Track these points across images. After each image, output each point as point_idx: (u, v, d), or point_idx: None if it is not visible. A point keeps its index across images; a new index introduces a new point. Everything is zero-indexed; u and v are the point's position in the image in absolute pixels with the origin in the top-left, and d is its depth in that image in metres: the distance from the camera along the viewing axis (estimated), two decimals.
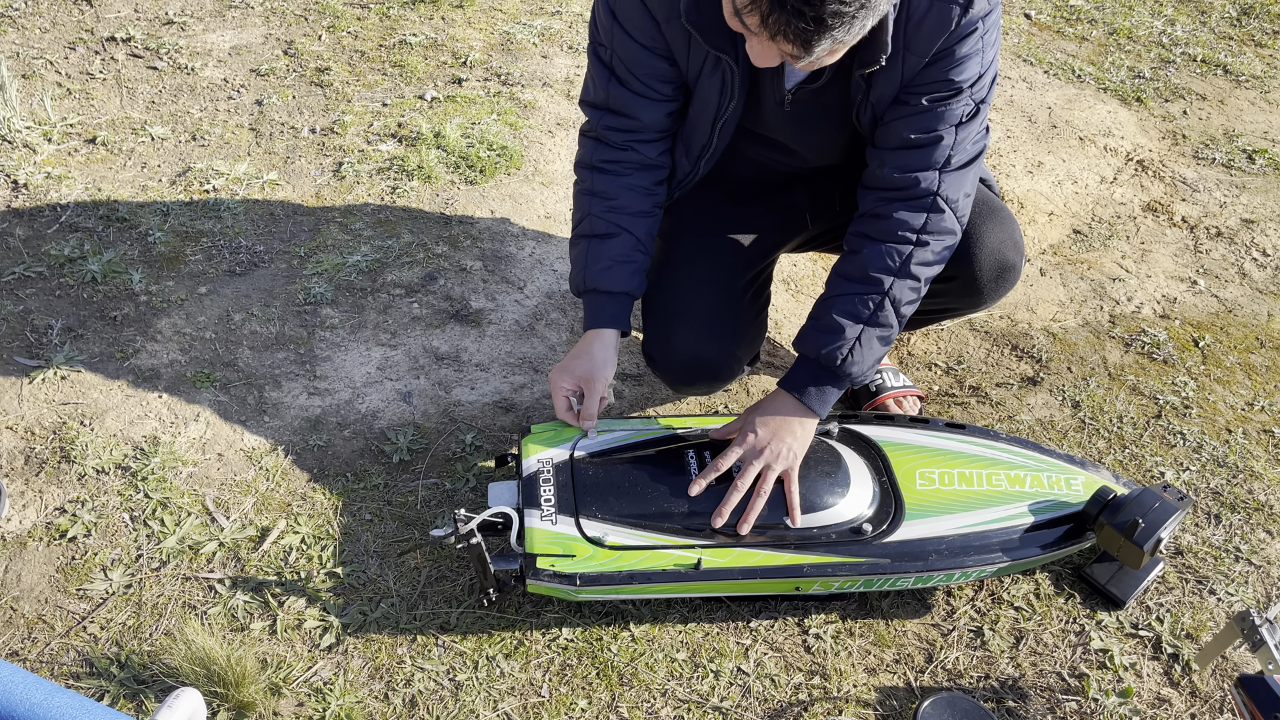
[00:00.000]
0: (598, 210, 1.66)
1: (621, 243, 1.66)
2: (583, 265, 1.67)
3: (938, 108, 1.50)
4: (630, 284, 1.68)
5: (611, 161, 1.66)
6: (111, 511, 1.73)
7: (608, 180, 1.66)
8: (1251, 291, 2.44)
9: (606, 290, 1.66)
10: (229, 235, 2.31)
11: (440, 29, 3.15)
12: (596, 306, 1.68)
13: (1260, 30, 3.60)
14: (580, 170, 1.70)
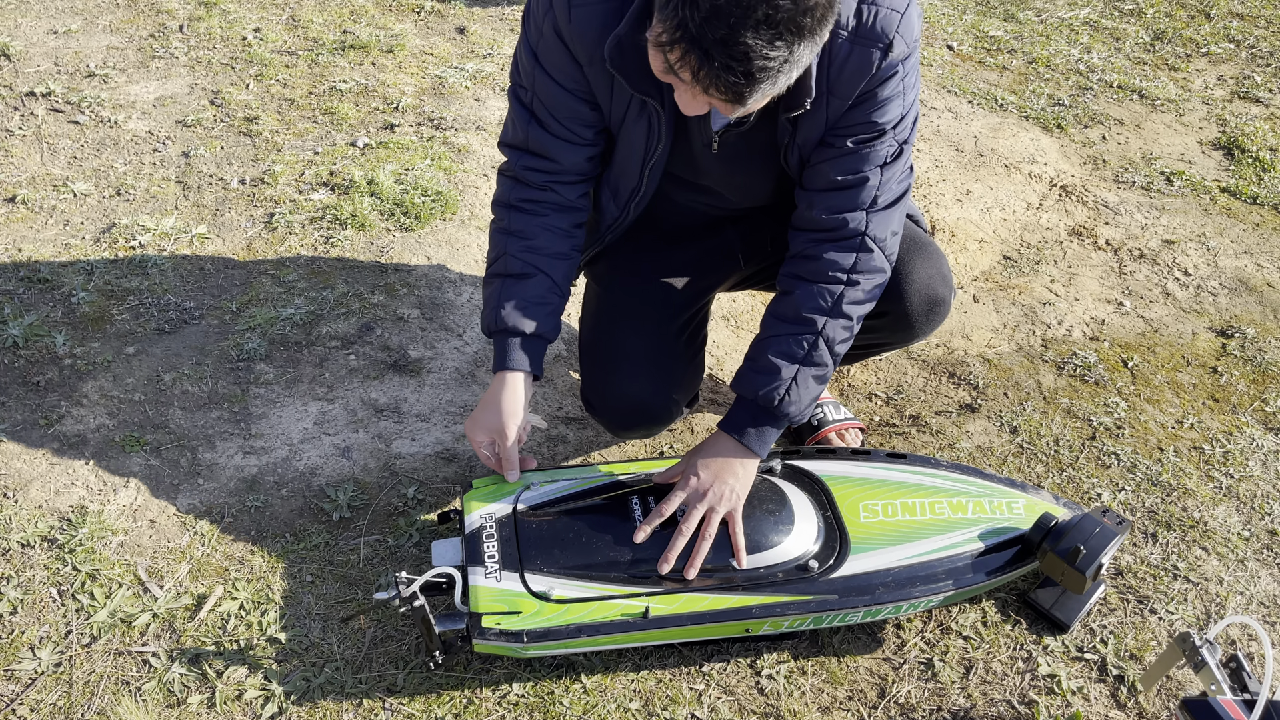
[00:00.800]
0: (514, 250, 1.64)
1: (537, 284, 1.64)
2: (495, 304, 1.64)
3: (862, 149, 1.53)
4: (545, 326, 1.66)
5: (530, 201, 1.64)
6: (38, 587, 1.66)
7: (525, 220, 1.64)
8: (1175, 311, 2.51)
9: (519, 331, 1.63)
10: (157, 293, 2.26)
11: (371, 75, 3.13)
12: (507, 347, 1.64)
13: (1173, 54, 3.73)
14: (497, 208, 1.68)
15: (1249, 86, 3.52)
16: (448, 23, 3.48)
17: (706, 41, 1.17)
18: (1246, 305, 2.52)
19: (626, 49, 1.40)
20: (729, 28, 1.16)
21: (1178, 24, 3.96)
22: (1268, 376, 2.31)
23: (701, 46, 1.18)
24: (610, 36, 1.40)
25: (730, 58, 1.18)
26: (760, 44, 1.16)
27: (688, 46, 1.19)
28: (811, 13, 1.17)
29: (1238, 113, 3.37)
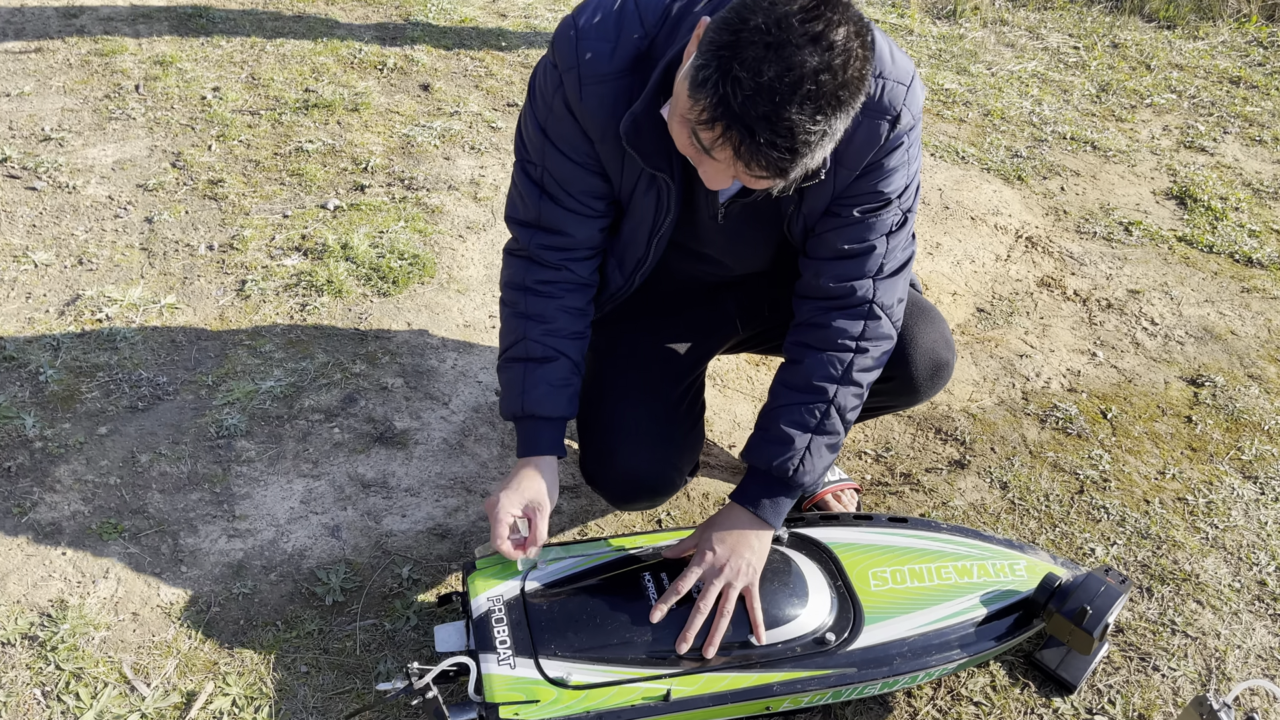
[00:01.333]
0: (534, 334, 1.62)
1: (559, 367, 1.63)
2: (520, 391, 1.62)
3: (869, 219, 1.53)
4: (569, 409, 1.65)
5: (545, 283, 1.63)
6: (21, 688, 1.57)
7: (543, 303, 1.63)
8: (1146, 360, 2.56)
9: (544, 416, 1.62)
10: (128, 368, 2.17)
11: (337, 134, 3.09)
12: (534, 432, 1.63)
13: (1119, 105, 3.85)
14: (511, 292, 1.66)
15: (1194, 136, 3.65)
16: (411, 80, 3.45)
17: (750, 119, 1.16)
18: (1214, 354, 2.59)
19: (642, 127, 1.39)
20: (773, 104, 1.15)
21: (1121, 75, 4.10)
22: (1241, 425, 2.36)
23: (745, 124, 1.17)
24: (626, 115, 1.39)
25: (775, 134, 1.17)
26: (804, 119, 1.16)
27: (729, 123, 1.18)
28: (848, 86, 1.17)
29: (1185, 162, 3.48)
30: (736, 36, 1.16)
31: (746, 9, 1.17)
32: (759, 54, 1.14)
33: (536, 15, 4.05)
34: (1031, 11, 4.66)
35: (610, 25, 1.40)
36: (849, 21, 1.16)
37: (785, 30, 1.14)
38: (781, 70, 1.14)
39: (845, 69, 1.15)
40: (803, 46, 1.14)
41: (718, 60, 1.16)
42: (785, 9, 1.14)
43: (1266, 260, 2.96)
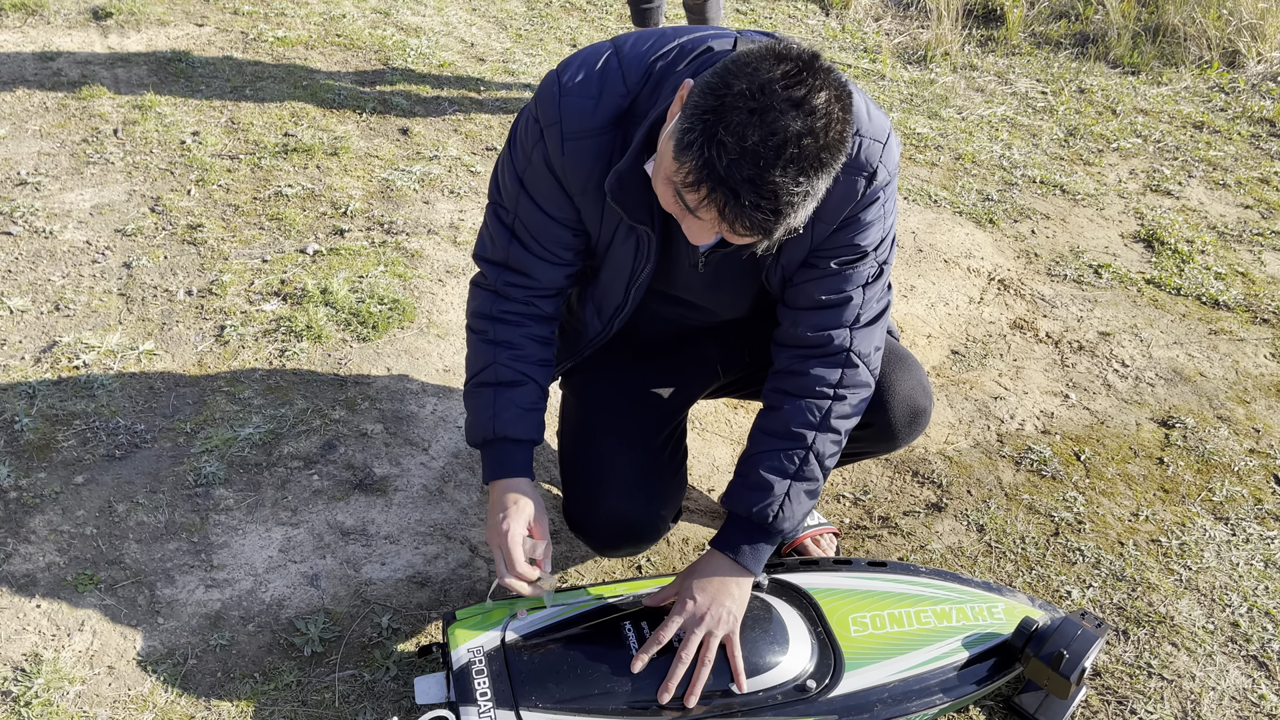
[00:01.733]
0: (504, 359, 1.63)
1: (528, 391, 1.65)
2: (490, 414, 1.62)
3: (845, 270, 1.56)
4: (538, 433, 1.67)
5: (512, 313, 1.65)
6: None
7: (511, 330, 1.64)
8: (1118, 402, 2.60)
9: (515, 439, 1.63)
10: (105, 415, 2.16)
11: (316, 178, 3.10)
12: (506, 455, 1.63)
13: (1086, 150, 3.94)
14: (479, 320, 1.67)
15: (1159, 180, 3.73)
16: (390, 124, 3.48)
17: (735, 181, 1.19)
18: (1184, 395, 2.63)
19: (626, 183, 1.42)
20: (758, 168, 1.18)
21: (1088, 120, 4.19)
22: (1211, 466, 2.40)
23: (730, 186, 1.20)
24: (611, 172, 1.41)
25: (759, 196, 1.19)
26: (787, 181, 1.19)
27: (714, 186, 1.21)
28: (830, 148, 1.20)
29: (1152, 205, 3.55)
30: (721, 101, 1.19)
31: (730, 74, 1.20)
32: (743, 119, 1.17)
33: (514, 61, 4.10)
34: (1000, 57, 4.77)
35: (593, 83, 1.43)
36: (829, 85, 1.19)
37: (768, 95, 1.17)
38: (765, 135, 1.17)
39: (827, 132, 1.19)
40: (785, 111, 1.17)
41: (703, 124, 1.19)
42: (768, 75, 1.18)
43: (1232, 302, 3.03)
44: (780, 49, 1.21)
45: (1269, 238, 3.40)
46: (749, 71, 1.19)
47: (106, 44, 3.77)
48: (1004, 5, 5.03)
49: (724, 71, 1.21)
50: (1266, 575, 2.11)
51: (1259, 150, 4.04)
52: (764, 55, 1.20)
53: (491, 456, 1.64)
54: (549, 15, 4.69)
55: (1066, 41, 4.90)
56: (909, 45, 4.82)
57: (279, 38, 3.94)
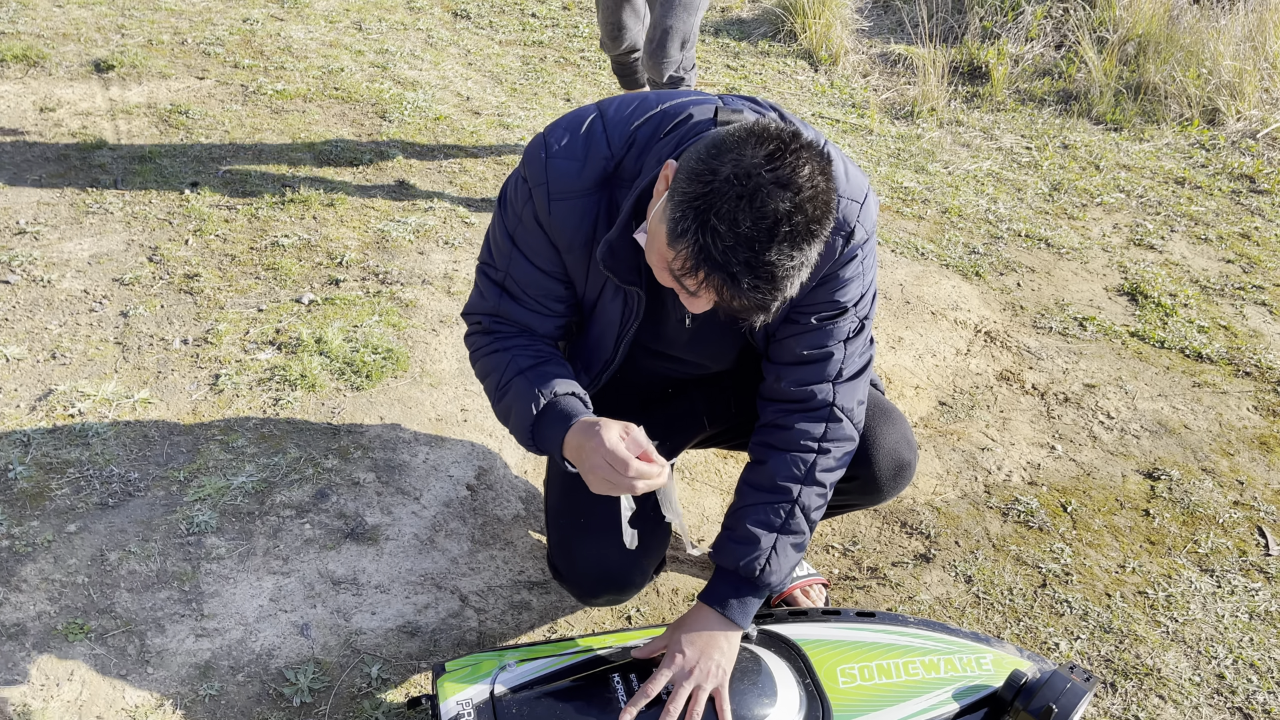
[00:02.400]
0: (519, 353, 1.60)
1: (556, 364, 1.61)
2: (530, 390, 1.56)
3: (827, 326, 1.60)
4: (585, 390, 1.62)
5: (511, 334, 1.64)
6: None
7: (516, 338, 1.63)
8: (1104, 454, 2.63)
9: (566, 394, 1.56)
10: (99, 464, 2.18)
11: (313, 229, 3.15)
12: (567, 408, 1.54)
13: (1071, 204, 4.01)
14: (480, 345, 1.65)
15: (1143, 234, 3.80)
16: (387, 175, 3.53)
17: (732, 266, 1.23)
18: (1168, 447, 2.66)
19: (616, 250, 1.46)
20: (753, 251, 1.22)
21: (1071, 175, 4.27)
22: (1197, 518, 2.42)
23: (728, 271, 1.24)
24: (602, 243, 1.46)
25: (757, 277, 1.24)
26: (782, 259, 1.23)
27: (711, 270, 1.25)
28: (818, 219, 1.24)
29: (1135, 259, 3.62)
30: (709, 188, 1.23)
31: (714, 159, 1.24)
32: (732, 205, 1.21)
33: (509, 114, 4.18)
34: (985, 113, 4.86)
35: (579, 146, 1.48)
36: (811, 159, 1.24)
37: (755, 179, 1.21)
38: (757, 218, 1.21)
39: (814, 205, 1.23)
40: (773, 193, 1.21)
41: (694, 213, 1.24)
42: (752, 159, 1.22)
43: (1215, 355, 3.07)
44: (760, 130, 1.25)
45: (1250, 291, 3.46)
46: (733, 157, 1.23)
47: (108, 96, 3.84)
48: (989, 63, 5.14)
49: (707, 157, 1.25)
50: (1251, 627, 2.12)
51: (1240, 206, 4.12)
52: (745, 138, 1.25)
53: (551, 419, 1.53)
54: (543, 70, 4.78)
55: (1050, 98, 5.00)
56: (896, 101, 4.92)
57: (278, 91, 4.01)
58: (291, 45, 4.50)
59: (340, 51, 4.53)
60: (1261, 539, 2.38)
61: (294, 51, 4.44)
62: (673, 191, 1.29)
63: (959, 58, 5.27)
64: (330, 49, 4.55)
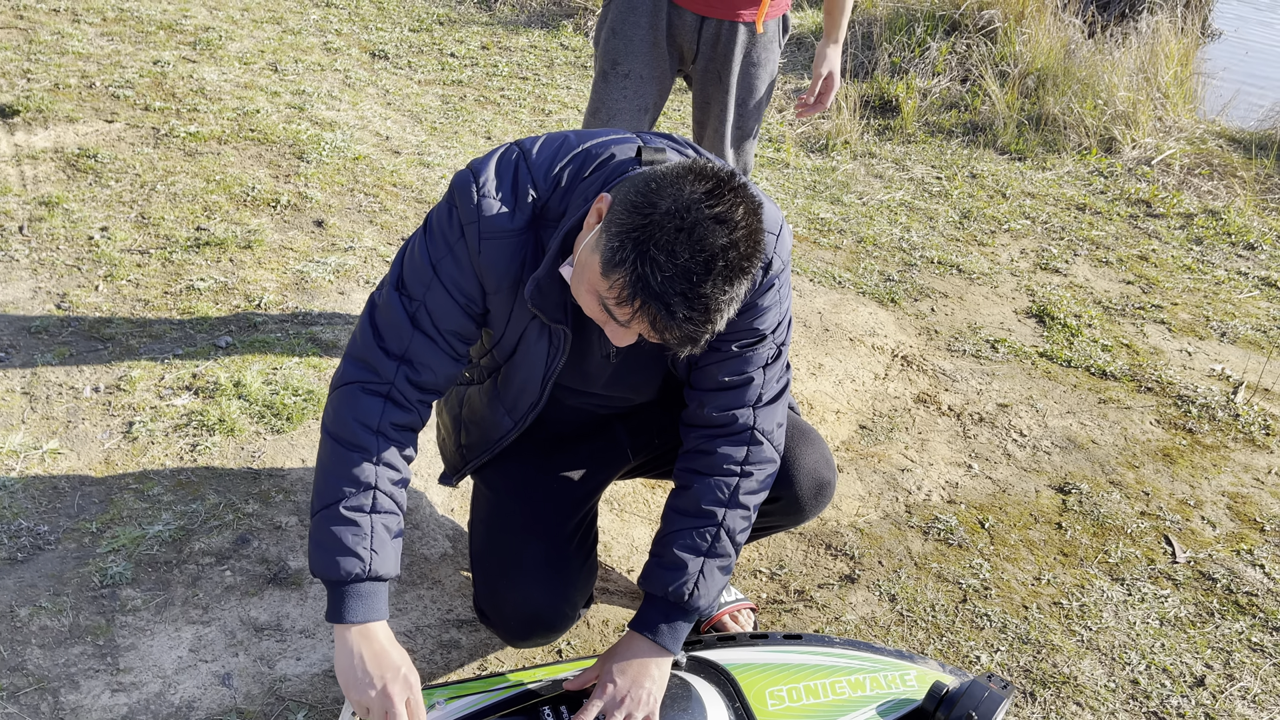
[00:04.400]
0: (385, 486, 1.53)
1: (399, 522, 1.57)
2: (367, 546, 1.50)
3: (746, 353, 1.64)
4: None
5: (400, 427, 1.57)
6: None
7: (394, 451, 1.55)
8: (1018, 471, 2.72)
9: (387, 577, 1.53)
10: (6, 517, 2.10)
11: (229, 271, 3.10)
12: (374, 596, 1.51)
13: (980, 231, 4.15)
14: (362, 433, 1.53)
15: (1048, 258, 3.95)
16: (305, 216, 3.50)
17: (668, 296, 1.26)
18: (1078, 462, 2.76)
19: (544, 288, 1.48)
20: (690, 283, 1.26)
21: (980, 204, 4.42)
22: (1106, 529, 2.51)
23: (663, 301, 1.27)
24: (530, 280, 1.47)
25: (692, 309, 1.27)
26: (717, 292, 1.27)
27: (646, 300, 1.28)
28: (750, 257, 1.30)
29: (1042, 283, 3.76)
30: (648, 219, 1.27)
31: (653, 193, 1.28)
32: (671, 237, 1.25)
33: (430, 153, 4.18)
34: (897, 145, 5.02)
35: (508, 188, 1.49)
36: (745, 199, 1.29)
37: (694, 214, 1.26)
38: (695, 251, 1.25)
39: (747, 242, 1.28)
40: (711, 229, 1.26)
41: (633, 243, 1.27)
42: (691, 195, 1.27)
43: (1119, 373, 3.20)
44: (698, 168, 1.30)
45: (1150, 311, 3.62)
46: (671, 192, 1.28)
47: (13, 141, 3.74)
48: (899, 97, 5.32)
49: (645, 190, 1.29)
50: (1162, 633, 2.20)
51: (1138, 229, 4.31)
52: (683, 174, 1.29)
53: (359, 595, 1.50)
54: (463, 109, 4.80)
55: (958, 130, 5.19)
56: (811, 135, 5.05)
57: (191, 133, 3.96)
58: (205, 87, 4.45)
59: (255, 93, 4.49)
60: (1168, 547, 2.48)
61: (207, 93, 4.39)
62: (608, 223, 1.32)
63: (870, 92, 5.45)
64: (245, 90, 4.50)
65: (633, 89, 2.48)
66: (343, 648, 1.49)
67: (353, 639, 1.49)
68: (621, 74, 2.48)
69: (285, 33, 5.44)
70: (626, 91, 2.48)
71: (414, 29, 5.89)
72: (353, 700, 1.48)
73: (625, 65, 2.47)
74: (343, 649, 1.49)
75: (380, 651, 1.50)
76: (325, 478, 1.53)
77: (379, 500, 1.53)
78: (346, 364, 1.58)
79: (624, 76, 2.48)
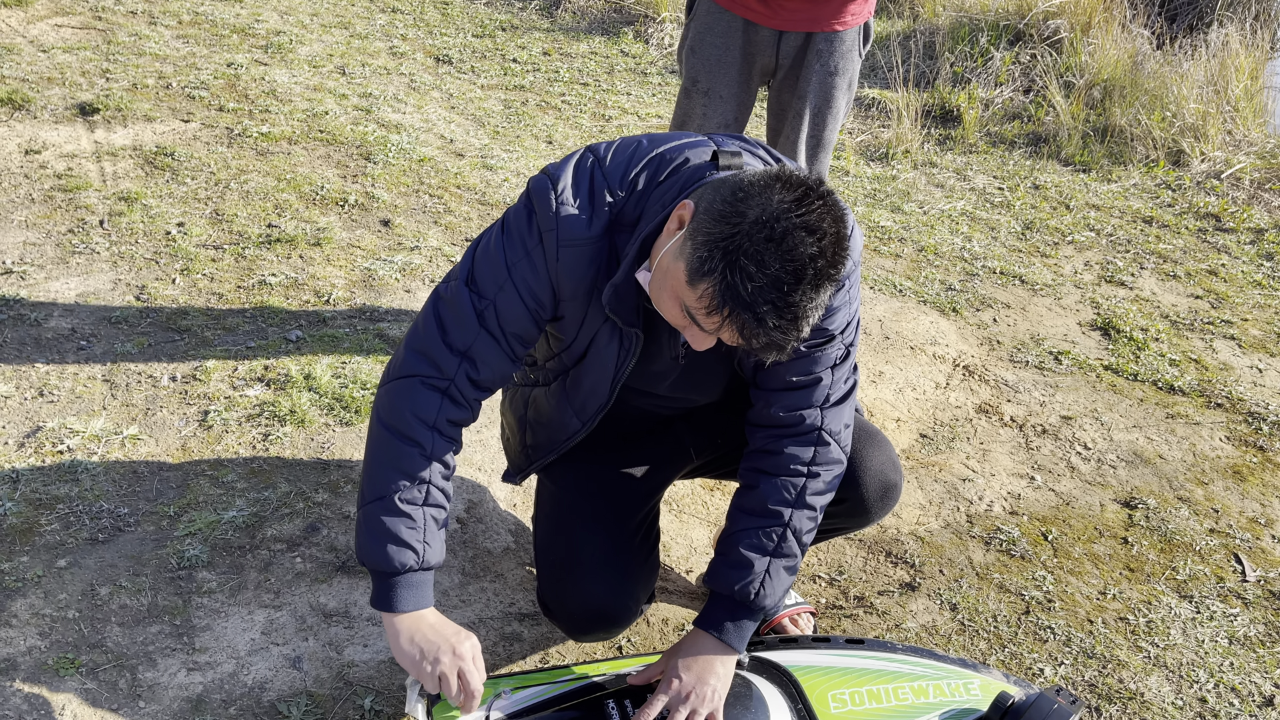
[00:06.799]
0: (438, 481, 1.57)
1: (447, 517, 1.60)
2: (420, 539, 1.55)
3: (815, 353, 1.64)
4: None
5: (455, 424, 1.59)
6: None
7: (447, 447, 1.57)
8: (1082, 484, 2.68)
9: (436, 567, 1.59)
10: (88, 499, 2.17)
11: (300, 268, 3.17)
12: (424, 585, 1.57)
13: (1043, 242, 4.11)
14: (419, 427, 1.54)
15: (1113, 271, 3.89)
16: (372, 215, 3.57)
17: (759, 306, 1.28)
18: (1144, 477, 2.72)
19: (621, 293, 1.51)
20: (781, 293, 1.27)
21: (1043, 215, 4.37)
22: (1174, 545, 2.47)
23: (753, 311, 1.28)
24: (608, 286, 1.49)
25: (781, 318, 1.29)
26: (806, 300, 1.29)
27: (736, 310, 1.29)
28: (838, 264, 1.31)
29: (1107, 295, 3.71)
30: (736, 228, 1.28)
31: (740, 201, 1.30)
32: (761, 247, 1.27)
33: (492, 156, 4.24)
34: (958, 155, 4.98)
35: (585, 195, 1.50)
36: (831, 206, 1.31)
37: (784, 223, 1.27)
38: (785, 261, 1.27)
39: (834, 249, 1.30)
40: (801, 238, 1.27)
41: (722, 252, 1.29)
42: (780, 204, 1.28)
43: (1187, 388, 3.14)
44: (785, 175, 1.32)
45: (1219, 326, 3.55)
46: (760, 200, 1.29)
47: (93, 139, 3.86)
48: (960, 107, 5.28)
49: (732, 199, 1.31)
50: (1231, 652, 2.16)
51: (1206, 244, 4.23)
52: (770, 182, 1.31)
53: (410, 585, 1.55)
54: (525, 113, 4.86)
55: (1020, 141, 5.14)
56: (871, 144, 5.03)
57: (263, 133, 4.05)
58: (276, 89, 4.56)
59: (324, 95, 4.59)
60: (1238, 565, 2.43)
61: (278, 95, 4.49)
62: (694, 231, 1.33)
63: (931, 101, 5.41)
64: (314, 93, 4.60)
65: (714, 107, 2.51)
66: (399, 631, 1.54)
67: (408, 622, 1.55)
68: (701, 91, 2.50)
69: (353, 37, 5.55)
70: (708, 109, 2.51)
71: (477, 34, 5.97)
72: (426, 671, 1.52)
73: (704, 83, 2.49)
74: (400, 632, 1.54)
75: (438, 623, 1.56)
76: (379, 469, 1.55)
77: (431, 494, 1.56)
78: (407, 355, 1.57)
79: (704, 94, 2.50)
